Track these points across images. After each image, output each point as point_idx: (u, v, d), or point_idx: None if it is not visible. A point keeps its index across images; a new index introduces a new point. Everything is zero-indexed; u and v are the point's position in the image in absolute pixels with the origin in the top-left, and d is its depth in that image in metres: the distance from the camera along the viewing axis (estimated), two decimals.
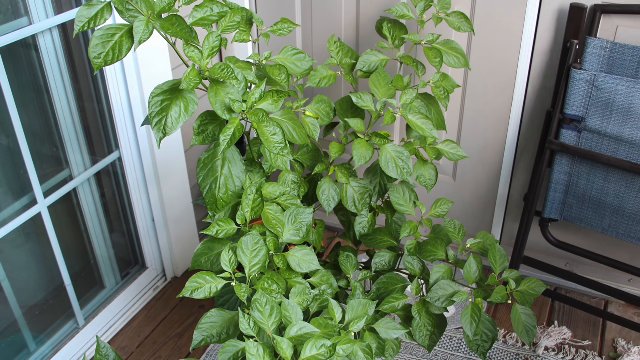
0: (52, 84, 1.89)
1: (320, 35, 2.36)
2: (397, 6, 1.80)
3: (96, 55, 1.23)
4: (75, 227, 2.13)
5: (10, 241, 1.88)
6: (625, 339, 2.18)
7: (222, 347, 1.31)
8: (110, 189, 2.23)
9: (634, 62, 1.83)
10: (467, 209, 2.45)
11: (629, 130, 1.86)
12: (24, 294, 1.98)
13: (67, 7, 1.86)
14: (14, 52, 1.75)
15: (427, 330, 1.58)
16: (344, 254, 1.70)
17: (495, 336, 1.55)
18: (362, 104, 1.68)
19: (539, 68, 2.07)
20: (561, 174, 2.05)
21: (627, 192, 1.94)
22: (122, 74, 2.03)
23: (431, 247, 1.64)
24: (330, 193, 1.70)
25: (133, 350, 2.21)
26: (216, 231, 1.43)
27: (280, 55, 1.69)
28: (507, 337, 2.21)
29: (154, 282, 2.47)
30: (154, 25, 1.25)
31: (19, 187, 1.86)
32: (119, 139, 2.13)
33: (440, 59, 1.79)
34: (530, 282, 1.55)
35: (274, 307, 1.31)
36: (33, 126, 1.86)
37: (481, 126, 2.25)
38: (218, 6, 1.35)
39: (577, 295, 2.37)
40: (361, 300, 1.46)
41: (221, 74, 1.32)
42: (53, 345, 2.10)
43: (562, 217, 2.13)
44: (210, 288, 1.35)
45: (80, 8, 1.21)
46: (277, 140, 1.39)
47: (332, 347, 1.25)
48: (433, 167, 1.78)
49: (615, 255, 2.21)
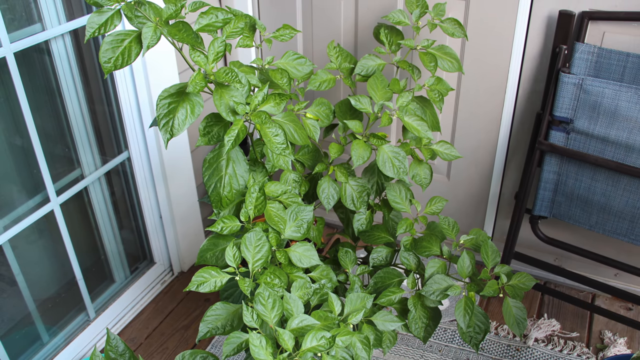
0: (64, 87, 1.89)
1: (320, 40, 2.36)
2: (393, 13, 1.80)
3: (106, 60, 1.23)
4: (86, 223, 2.13)
5: (24, 237, 1.88)
6: (612, 330, 2.18)
7: (227, 338, 1.31)
8: (120, 188, 2.23)
9: (619, 66, 1.83)
10: (460, 207, 2.45)
11: (615, 131, 1.86)
12: (37, 287, 1.98)
13: (79, 14, 1.86)
14: (28, 56, 1.75)
15: (422, 323, 1.58)
16: (342, 249, 1.70)
17: (487, 328, 1.55)
18: (360, 106, 1.68)
19: (529, 72, 2.07)
20: (550, 173, 2.05)
21: (613, 191, 1.94)
22: (131, 78, 2.03)
23: (426, 243, 1.64)
24: (330, 191, 1.70)
25: (141, 341, 2.21)
26: (221, 228, 1.43)
27: (282, 59, 1.69)
28: (499, 328, 2.21)
29: (161, 276, 2.47)
30: (162, 31, 1.25)
31: (33, 185, 1.86)
32: (128, 139, 2.13)
33: (434, 64, 1.79)
34: (521, 276, 1.55)
35: (276, 300, 1.30)
36: (46, 127, 1.86)
37: (474, 127, 2.25)
38: (223, 13, 1.35)
39: (565, 289, 2.37)
40: (359, 293, 1.46)
41: (226, 78, 1.32)
42: (65, 337, 2.10)
43: (551, 214, 2.13)
44: (215, 282, 1.35)
45: (91, 15, 1.21)
46: (279, 141, 1.39)
47: (331, 338, 1.25)
48: (428, 166, 1.78)
49: (602, 251, 2.21)
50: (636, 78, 1.82)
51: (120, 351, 1.32)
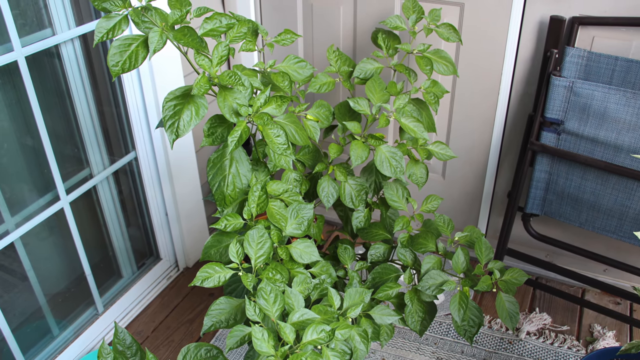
0: (74, 90, 1.89)
1: (320, 45, 2.36)
2: (391, 18, 1.80)
3: (114, 63, 1.23)
4: (94, 221, 2.13)
5: (35, 234, 1.89)
6: (601, 324, 2.18)
7: (230, 331, 1.31)
8: (127, 186, 2.23)
9: (608, 69, 1.83)
10: (455, 205, 2.46)
11: (604, 132, 1.86)
12: (47, 282, 1.99)
13: (88, 19, 1.86)
14: (38, 60, 1.75)
15: (418, 316, 1.58)
16: (342, 246, 1.70)
17: (481, 322, 1.55)
18: (358, 108, 1.68)
19: (521, 75, 2.07)
20: (542, 173, 2.05)
21: (602, 190, 1.94)
22: (138, 81, 2.03)
23: (422, 240, 1.64)
24: (330, 190, 1.70)
25: (148, 334, 2.21)
26: (224, 225, 1.43)
27: (283, 63, 1.69)
28: (492, 322, 2.21)
29: (167, 272, 2.47)
30: (168, 35, 1.25)
31: (43, 184, 1.86)
32: (135, 140, 2.13)
33: (430, 67, 1.79)
34: (514, 272, 1.55)
35: (278, 295, 1.31)
36: (56, 128, 1.87)
37: (468, 128, 2.25)
38: (226, 18, 1.35)
39: (556, 284, 2.38)
40: (358, 288, 1.46)
41: (229, 81, 1.32)
42: (74, 330, 2.10)
43: (542, 212, 2.14)
44: (219, 277, 1.35)
45: (99, 20, 1.22)
46: (280, 141, 1.39)
47: (331, 331, 1.25)
48: (424, 166, 1.78)
49: (591, 247, 2.21)
50: (624, 81, 1.82)
51: (128, 344, 1.33)
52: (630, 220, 1.93)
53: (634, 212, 1.90)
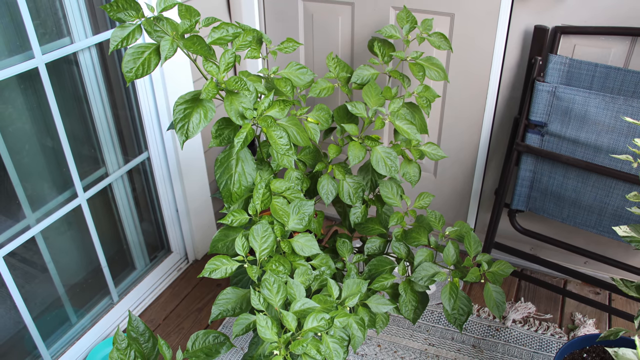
0: (91, 95, 1.89)
1: (320, 52, 2.36)
2: (386, 27, 1.80)
3: (128, 70, 1.23)
4: (110, 217, 2.13)
5: (54, 229, 1.89)
6: (582, 312, 2.18)
7: (236, 319, 1.31)
8: (140, 184, 2.23)
9: (589, 75, 1.83)
10: (446, 202, 2.46)
11: (585, 134, 1.86)
12: (66, 274, 1.99)
13: (104, 28, 1.85)
14: (58, 67, 1.75)
15: (411, 305, 1.58)
16: (340, 240, 1.70)
17: (470, 310, 1.55)
18: (356, 111, 1.68)
19: (507, 80, 2.07)
20: (527, 172, 2.05)
21: (582, 187, 1.94)
22: (151, 86, 2.03)
23: (415, 234, 1.64)
24: (329, 188, 1.70)
25: (160, 322, 2.21)
26: (231, 220, 1.43)
27: (285, 69, 1.69)
28: (480, 311, 2.21)
29: (177, 264, 2.47)
30: (178, 44, 1.25)
31: (62, 182, 1.86)
32: (147, 141, 2.13)
33: (423, 73, 1.79)
34: (500, 264, 1.55)
35: (281, 286, 1.31)
36: (74, 131, 1.86)
37: (458, 130, 2.25)
38: (233, 28, 1.35)
39: (540, 275, 2.38)
40: (355, 279, 1.46)
41: (235, 86, 1.32)
42: (91, 318, 2.10)
43: (527, 208, 2.13)
44: (226, 269, 1.36)
45: (114, 29, 1.21)
46: (283, 142, 1.39)
47: (330, 319, 1.25)
48: (417, 165, 1.78)
49: (573, 241, 2.21)
50: (604, 86, 1.82)
51: (141, 331, 1.33)
52: (609, 216, 1.92)
53: (613, 209, 1.90)
